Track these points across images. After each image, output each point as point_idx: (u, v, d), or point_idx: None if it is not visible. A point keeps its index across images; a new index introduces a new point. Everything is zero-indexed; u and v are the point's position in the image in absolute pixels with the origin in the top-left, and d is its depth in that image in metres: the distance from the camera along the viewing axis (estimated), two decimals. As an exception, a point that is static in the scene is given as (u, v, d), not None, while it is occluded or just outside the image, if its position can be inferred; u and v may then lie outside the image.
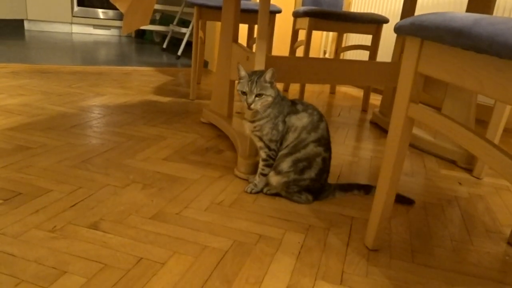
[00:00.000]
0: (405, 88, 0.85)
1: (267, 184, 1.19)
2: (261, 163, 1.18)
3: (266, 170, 1.17)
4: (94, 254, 0.84)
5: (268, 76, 1.09)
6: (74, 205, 1.02)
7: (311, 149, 1.13)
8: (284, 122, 1.14)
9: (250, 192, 1.19)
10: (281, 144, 1.16)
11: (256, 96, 1.08)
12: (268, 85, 1.09)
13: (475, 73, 0.68)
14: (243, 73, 1.12)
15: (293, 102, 1.18)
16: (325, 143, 1.15)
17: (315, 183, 1.16)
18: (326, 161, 1.16)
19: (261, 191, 1.20)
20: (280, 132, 1.14)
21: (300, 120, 1.14)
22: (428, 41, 0.79)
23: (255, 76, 1.09)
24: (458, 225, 1.13)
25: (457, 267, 0.93)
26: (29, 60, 2.85)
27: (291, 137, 1.14)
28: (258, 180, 1.19)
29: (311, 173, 1.14)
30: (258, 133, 1.15)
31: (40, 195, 1.05)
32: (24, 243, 0.85)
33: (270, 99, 1.10)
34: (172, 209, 1.06)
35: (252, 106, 1.09)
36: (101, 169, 1.24)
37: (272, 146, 1.15)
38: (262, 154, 1.17)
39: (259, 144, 1.17)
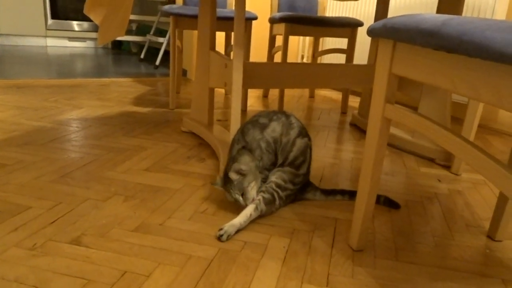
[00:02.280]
0: (380, 89, 0.87)
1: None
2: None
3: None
4: (76, 270, 0.82)
5: (234, 176, 1.06)
6: (54, 221, 1.00)
7: (300, 143, 1.14)
8: (266, 141, 1.13)
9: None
10: (276, 158, 1.16)
11: (242, 194, 1.07)
12: (241, 178, 1.07)
13: (446, 73, 0.70)
14: (219, 186, 1.12)
15: (252, 122, 1.16)
16: (305, 132, 1.17)
17: (306, 177, 1.18)
18: (311, 150, 1.19)
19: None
20: (272, 152, 1.14)
21: (274, 132, 1.14)
22: (400, 42, 0.81)
23: (229, 185, 1.08)
24: (439, 221, 1.15)
25: (440, 262, 0.95)
26: (2, 75, 2.79)
27: (277, 148, 1.16)
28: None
29: (304, 168, 1.16)
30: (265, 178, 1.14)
31: (19, 213, 1.03)
32: (3, 262, 0.83)
33: (251, 178, 1.07)
34: (155, 220, 1.05)
35: (249, 201, 1.06)
36: (81, 183, 1.22)
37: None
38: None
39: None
